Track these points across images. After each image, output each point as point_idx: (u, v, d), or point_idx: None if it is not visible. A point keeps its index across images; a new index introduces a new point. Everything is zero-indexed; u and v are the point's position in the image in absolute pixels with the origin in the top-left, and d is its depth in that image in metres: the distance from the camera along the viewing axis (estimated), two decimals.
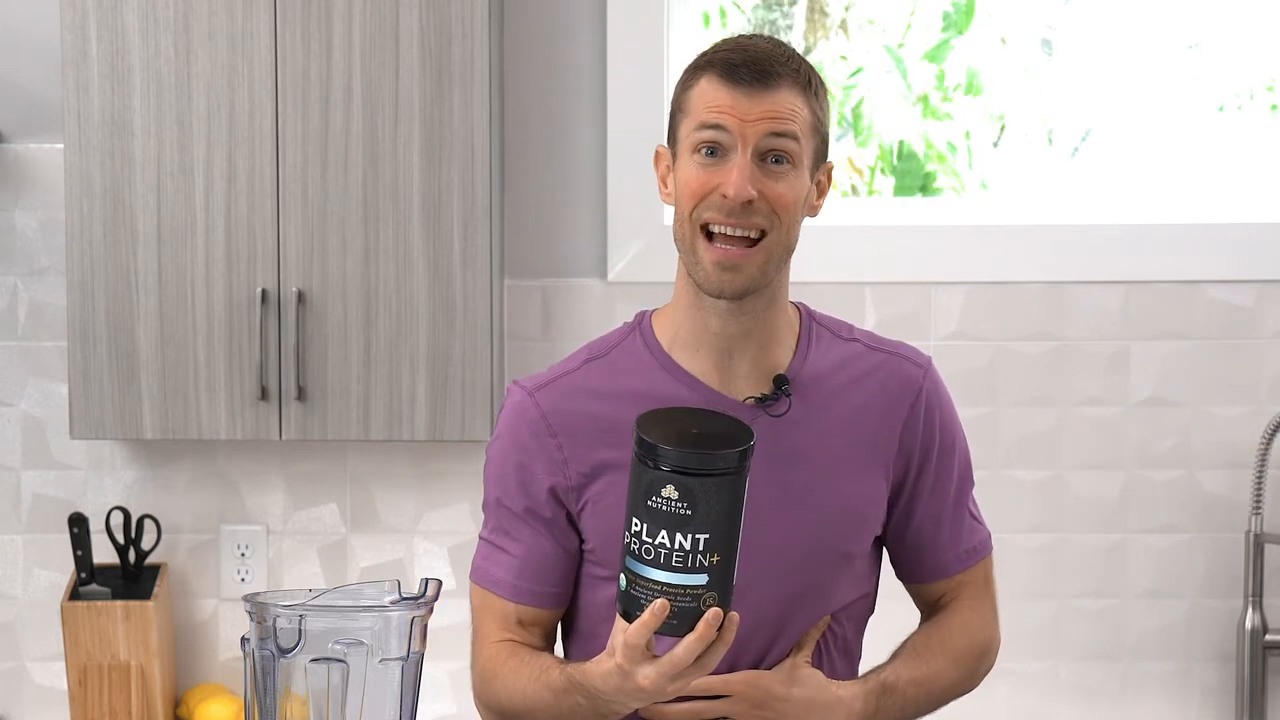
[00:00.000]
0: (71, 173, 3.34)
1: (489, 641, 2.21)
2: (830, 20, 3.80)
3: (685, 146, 2.11)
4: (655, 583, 1.88)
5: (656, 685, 1.93)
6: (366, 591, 1.93)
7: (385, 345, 3.37)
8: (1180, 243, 3.60)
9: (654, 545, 1.87)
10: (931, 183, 3.79)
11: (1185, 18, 3.71)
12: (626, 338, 2.22)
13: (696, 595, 1.88)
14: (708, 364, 2.17)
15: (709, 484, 1.86)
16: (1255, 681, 3.55)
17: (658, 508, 1.87)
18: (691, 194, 2.09)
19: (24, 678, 3.66)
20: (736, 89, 2.07)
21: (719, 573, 1.89)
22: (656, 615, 1.88)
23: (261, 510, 3.65)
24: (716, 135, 2.08)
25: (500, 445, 2.21)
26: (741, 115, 2.07)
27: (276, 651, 1.86)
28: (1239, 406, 3.62)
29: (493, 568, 2.21)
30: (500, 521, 2.21)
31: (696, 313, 2.15)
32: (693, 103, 2.11)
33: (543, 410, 2.18)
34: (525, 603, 2.20)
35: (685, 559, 1.87)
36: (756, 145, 2.07)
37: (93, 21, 3.32)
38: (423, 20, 3.33)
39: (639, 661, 1.92)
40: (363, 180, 3.35)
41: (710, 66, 2.10)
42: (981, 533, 2.31)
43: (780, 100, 2.08)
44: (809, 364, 2.19)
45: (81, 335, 3.36)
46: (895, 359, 2.23)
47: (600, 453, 2.16)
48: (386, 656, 1.87)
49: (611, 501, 2.15)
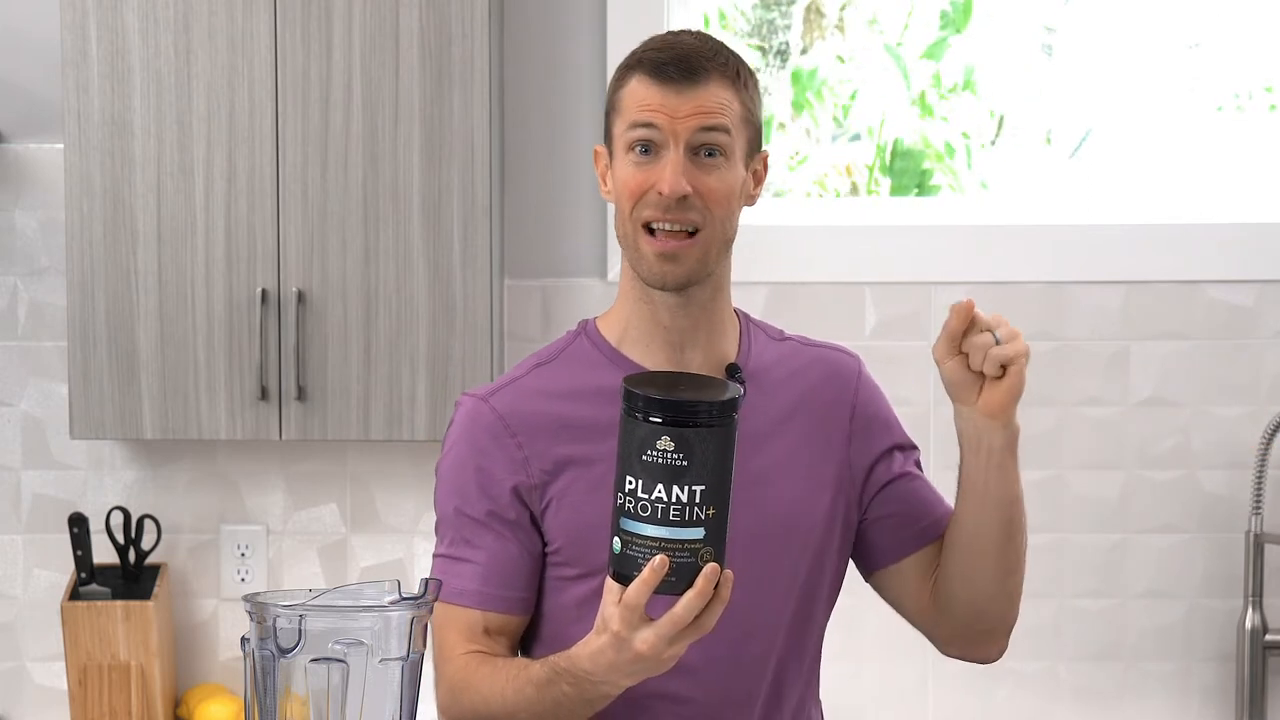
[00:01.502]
0: (71, 173, 3.34)
1: (455, 655, 2.18)
2: (826, 20, 3.80)
3: (620, 145, 2.16)
4: (652, 539, 1.88)
5: (655, 649, 1.91)
6: (366, 591, 1.93)
7: (385, 345, 3.37)
8: (1180, 243, 3.60)
9: (650, 500, 1.88)
10: (928, 180, 3.80)
11: (1185, 18, 3.71)
12: (572, 343, 2.26)
13: (694, 550, 1.88)
14: (660, 357, 2.20)
15: (704, 434, 1.87)
16: (1255, 681, 3.55)
17: (653, 461, 1.87)
18: (630, 194, 2.14)
19: (24, 678, 3.66)
20: (665, 87, 2.12)
21: (714, 527, 1.89)
22: (656, 571, 1.88)
23: (261, 510, 3.65)
24: (648, 133, 2.12)
25: (455, 455, 2.20)
26: (671, 113, 2.11)
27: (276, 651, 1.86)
28: (1239, 406, 3.62)
29: (455, 580, 2.18)
30: (460, 532, 2.19)
31: (646, 307, 2.19)
32: (624, 102, 2.16)
33: (499, 413, 2.19)
34: (493, 609, 2.18)
35: (682, 512, 1.87)
36: (688, 141, 2.12)
37: (93, 21, 3.32)
38: (423, 20, 3.33)
39: (636, 626, 1.91)
40: (363, 180, 3.35)
41: (639, 65, 2.15)
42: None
43: (709, 95, 2.12)
44: (754, 356, 2.24)
45: (81, 335, 3.36)
46: (830, 352, 2.31)
47: (561, 448, 2.17)
48: (386, 656, 1.87)
49: (575, 497, 2.16)
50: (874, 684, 3.64)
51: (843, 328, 3.60)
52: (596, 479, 2.14)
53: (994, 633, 2.27)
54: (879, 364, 3.33)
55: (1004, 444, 2.13)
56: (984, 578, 2.20)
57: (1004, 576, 2.21)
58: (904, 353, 3.62)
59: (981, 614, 2.24)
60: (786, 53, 3.81)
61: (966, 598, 2.22)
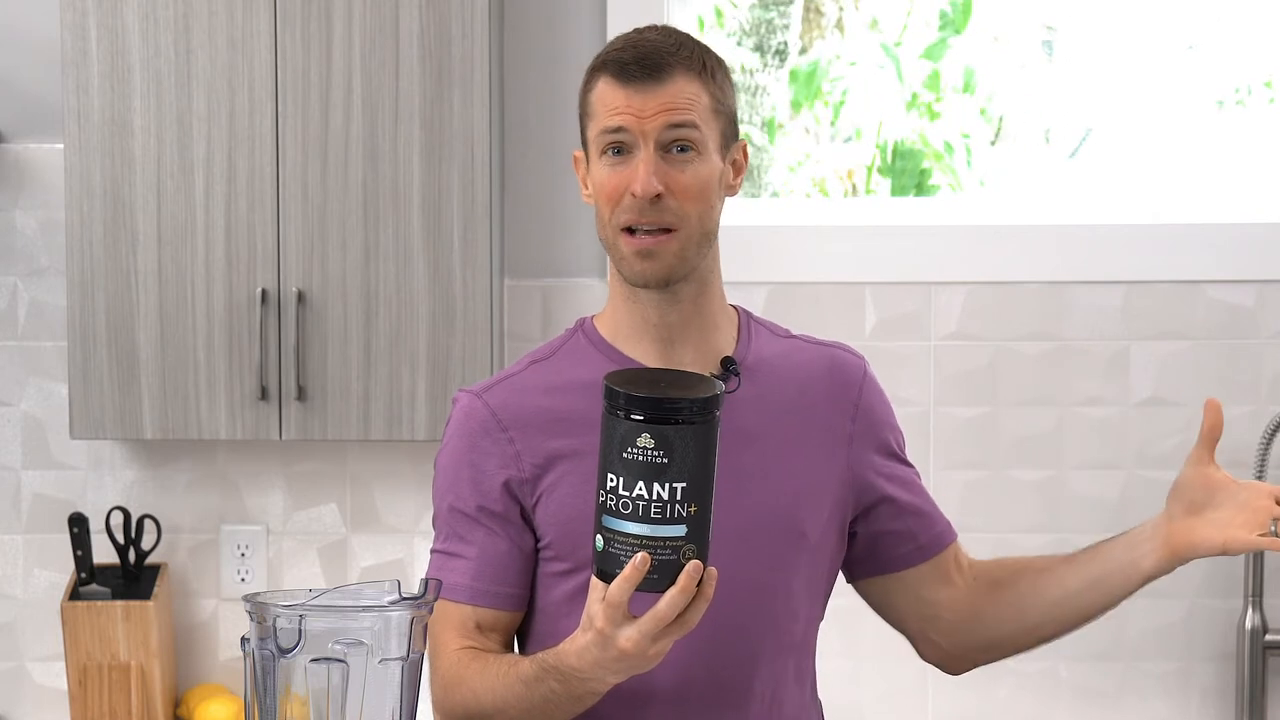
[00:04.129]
0: (71, 173, 3.34)
1: (448, 650, 2.18)
2: (825, 20, 3.81)
3: (594, 149, 2.17)
4: (634, 537, 1.88)
5: (639, 646, 1.91)
6: (366, 591, 1.93)
7: (385, 345, 3.37)
8: (1180, 243, 3.61)
9: (631, 498, 1.88)
10: (927, 179, 3.80)
11: (1185, 17, 3.71)
12: (569, 340, 2.26)
13: (676, 547, 1.89)
14: (653, 353, 2.20)
15: (685, 431, 1.87)
16: (1255, 681, 3.55)
17: (633, 458, 1.87)
18: (608, 198, 2.14)
19: (24, 678, 3.66)
20: (630, 87, 2.12)
21: (696, 524, 1.89)
22: (638, 569, 1.88)
23: (261, 510, 3.65)
24: (618, 136, 2.13)
25: (450, 450, 2.22)
26: (638, 112, 2.11)
27: (276, 651, 1.86)
28: (1239, 406, 3.62)
29: (448, 576, 2.19)
30: (453, 528, 2.20)
31: (633, 306, 2.19)
32: (594, 105, 2.16)
33: (492, 408, 2.19)
34: (484, 604, 2.19)
35: (663, 509, 1.87)
36: (658, 139, 2.11)
37: (93, 21, 3.33)
38: (423, 20, 3.33)
39: (620, 623, 1.91)
40: (363, 180, 3.35)
41: (604, 67, 2.15)
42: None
43: (675, 91, 2.12)
44: (753, 350, 2.24)
45: (81, 335, 3.36)
46: (835, 351, 2.30)
47: (553, 443, 2.17)
48: (386, 656, 1.87)
49: (566, 491, 2.16)
50: (874, 684, 3.64)
51: (843, 328, 3.59)
52: (587, 473, 2.14)
53: (982, 661, 2.35)
54: (879, 364, 3.32)
55: (1156, 574, 2.19)
56: (1038, 631, 2.28)
57: (1053, 636, 2.29)
58: (904, 353, 3.62)
59: (999, 649, 2.32)
60: (785, 52, 3.81)
61: (1005, 634, 2.29)
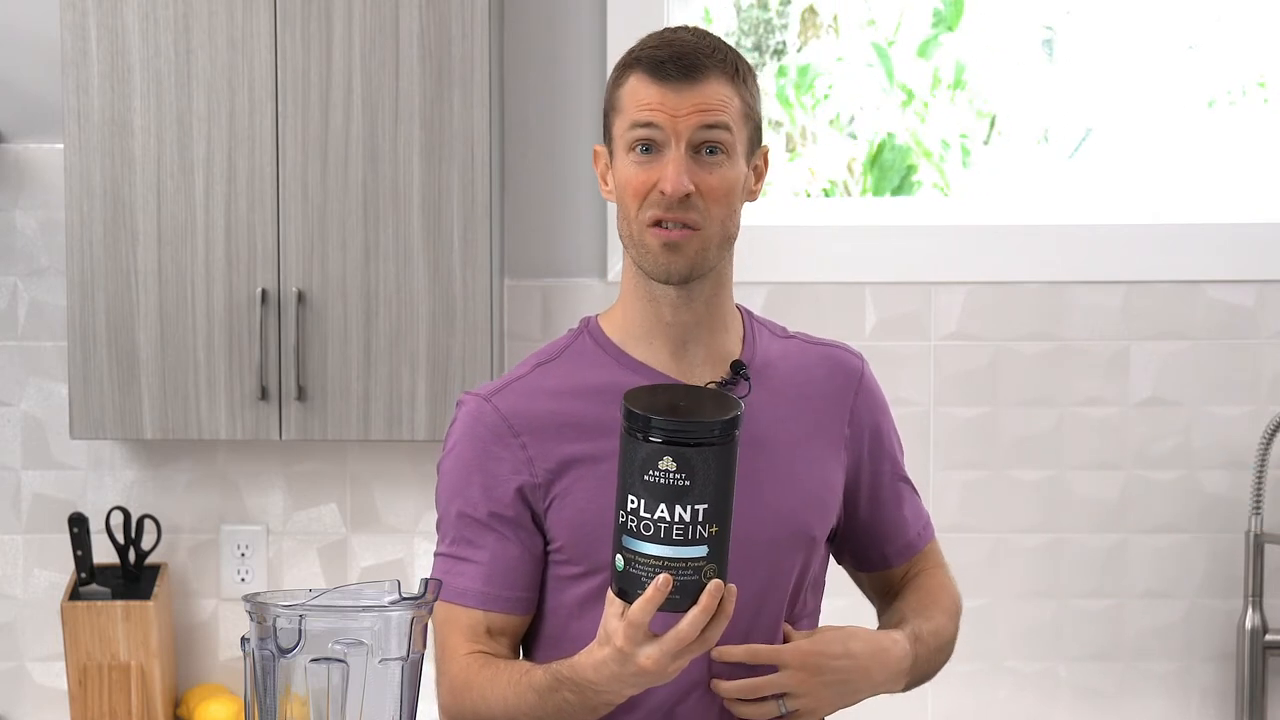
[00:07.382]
0: (71, 173, 3.34)
1: (458, 655, 2.18)
2: (821, 20, 3.80)
3: (620, 145, 2.15)
4: (656, 558, 1.88)
5: (659, 664, 1.92)
6: (366, 591, 1.93)
7: (385, 345, 3.37)
8: (1180, 243, 3.61)
9: (653, 520, 1.87)
10: (911, 176, 3.80)
11: (1185, 17, 3.71)
12: (574, 341, 2.25)
13: (698, 568, 1.89)
14: (664, 354, 2.20)
15: (706, 453, 1.87)
16: (1255, 681, 3.56)
17: (655, 481, 1.87)
18: (634, 193, 2.13)
19: (24, 678, 3.66)
20: (665, 85, 2.11)
21: (717, 544, 1.89)
22: (660, 590, 1.88)
23: (261, 510, 3.65)
24: (649, 133, 2.12)
25: (458, 454, 2.20)
26: (671, 111, 2.11)
27: (276, 651, 1.86)
28: (1239, 406, 3.62)
29: (457, 580, 2.19)
30: (462, 532, 2.19)
31: (649, 305, 2.19)
32: (624, 101, 2.15)
33: (502, 413, 2.18)
34: (495, 609, 2.18)
35: (685, 531, 1.87)
36: (690, 139, 2.11)
37: (93, 21, 3.33)
38: (423, 20, 3.33)
39: (641, 641, 1.92)
40: (363, 180, 3.35)
41: (638, 64, 2.14)
42: (922, 505, 2.39)
43: (709, 92, 2.12)
44: (759, 352, 2.24)
45: (81, 335, 3.36)
46: (835, 350, 2.31)
47: (565, 448, 2.16)
48: (386, 656, 1.87)
49: (579, 496, 2.15)
50: None
51: (843, 328, 3.60)
52: (600, 477, 2.14)
53: None
54: (879, 364, 3.32)
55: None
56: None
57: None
58: (904, 353, 3.62)
59: None
60: (784, 52, 3.81)
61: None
